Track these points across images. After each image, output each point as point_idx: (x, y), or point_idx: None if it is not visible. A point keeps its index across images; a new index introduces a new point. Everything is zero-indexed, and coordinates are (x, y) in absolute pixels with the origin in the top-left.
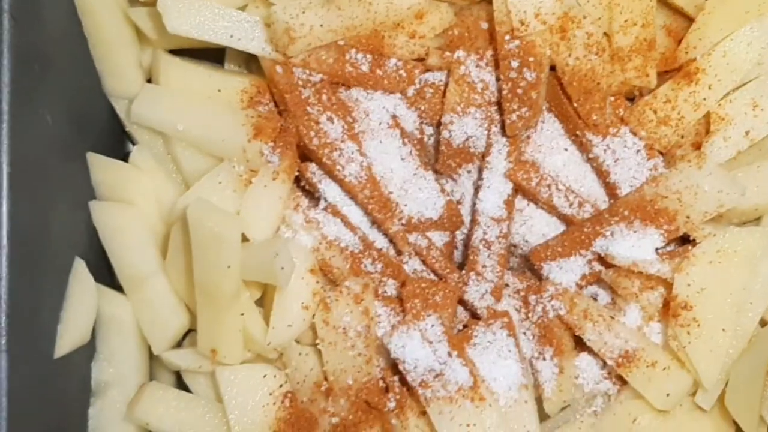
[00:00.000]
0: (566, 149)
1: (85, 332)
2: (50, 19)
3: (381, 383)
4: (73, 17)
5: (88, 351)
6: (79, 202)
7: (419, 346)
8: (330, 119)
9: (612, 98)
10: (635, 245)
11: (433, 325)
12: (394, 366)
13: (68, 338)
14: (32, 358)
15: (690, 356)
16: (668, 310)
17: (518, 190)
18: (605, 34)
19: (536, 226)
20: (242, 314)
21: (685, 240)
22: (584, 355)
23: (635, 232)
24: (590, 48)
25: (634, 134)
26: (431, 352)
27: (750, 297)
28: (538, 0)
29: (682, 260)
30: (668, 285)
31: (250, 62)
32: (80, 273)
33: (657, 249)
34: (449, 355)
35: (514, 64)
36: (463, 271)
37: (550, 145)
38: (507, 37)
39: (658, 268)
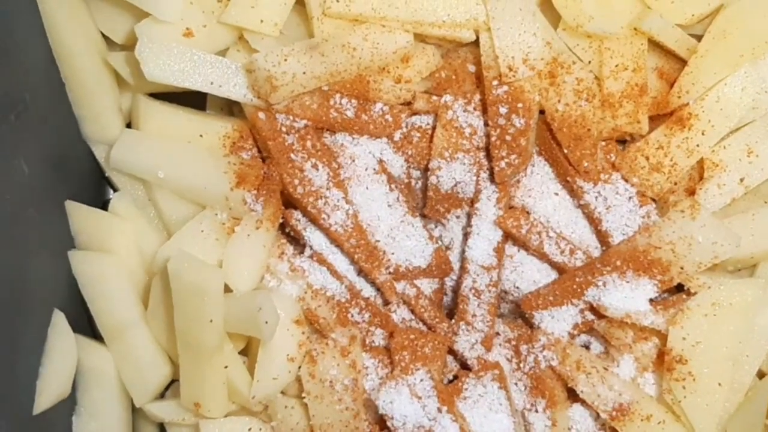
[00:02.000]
0: (557, 194)
1: (66, 386)
2: (26, 65)
3: None
4: (50, 62)
5: (69, 404)
6: (58, 251)
7: (408, 402)
8: (314, 166)
9: (603, 143)
10: (628, 296)
11: (422, 380)
12: (381, 420)
13: (48, 394)
14: (11, 415)
15: (686, 411)
16: (663, 360)
17: (508, 237)
18: (596, 77)
19: (527, 273)
20: (226, 367)
21: (679, 287)
22: (577, 407)
23: (628, 282)
24: (580, 94)
25: (626, 181)
26: (420, 407)
27: (746, 350)
28: (526, 45)
29: (677, 313)
30: (662, 336)
31: (232, 105)
32: (59, 326)
33: (650, 299)
34: (439, 410)
35: (503, 110)
36: (453, 321)
37: (540, 189)
38: (495, 83)
39: (652, 320)
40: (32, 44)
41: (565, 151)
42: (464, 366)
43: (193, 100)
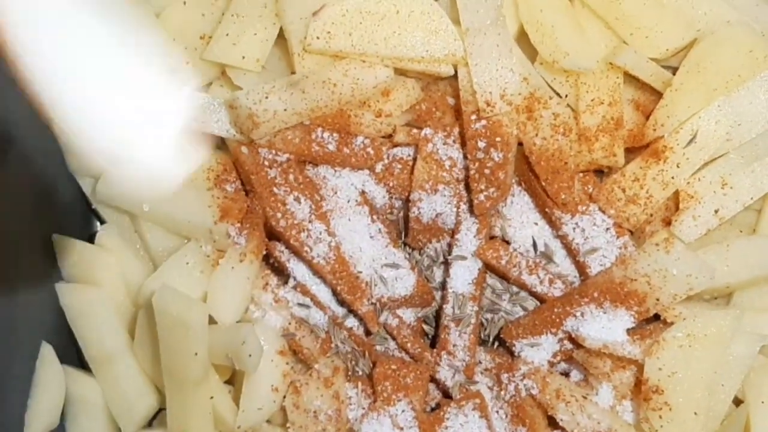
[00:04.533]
0: (536, 223)
1: (54, 417)
2: (10, 98)
3: None
4: None
5: None
6: (45, 284)
7: None
8: (297, 199)
9: (581, 175)
10: (605, 326)
11: (404, 411)
12: None
13: (37, 425)
14: None
15: None
16: (640, 389)
17: (488, 268)
18: (573, 111)
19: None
20: (211, 397)
21: (656, 316)
22: None
23: (605, 313)
24: (557, 128)
25: (603, 212)
26: None
27: (721, 379)
28: (503, 80)
29: (653, 344)
30: (640, 365)
31: (215, 137)
32: (47, 358)
33: (627, 329)
34: None
35: (481, 144)
36: (434, 350)
37: (520, 219)
38: (473, 117)
39: (629, 350)
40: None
41: (543, 183)
42: (446, 395)
43: None
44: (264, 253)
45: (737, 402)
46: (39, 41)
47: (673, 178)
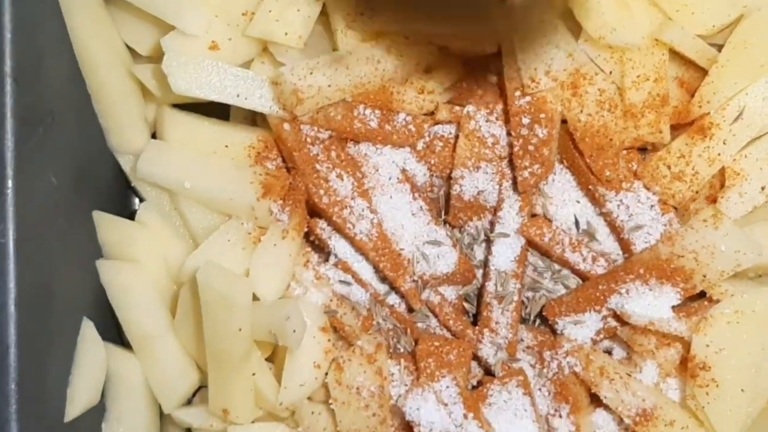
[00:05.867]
0: (578, 201)
1: (95, 394)
2: (53, 78)
3: None
4: (76, 74)
5: (98, 411)
6: (85, 261)
7: (434, 408)
8: (339, 176)
9: (624, 152)
10: (651, 303)
11: (447, 387)
12: (407, 425)
13: (78, 401)
14: (42, 423)
15: (709, 416)
16: (685, 366)
17: (531, 245)
18: (618, 88)
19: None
20: (253, 374)
21: (701, 293)
22: (600, 411)
23: (651, 290)
24: (602, 104)
25: (648, 189)
26: (446, 414)
27: None
28: (548, 57)
29: (700, 320)
30: (685, 342)
31: (255, 115)
32: (88, 335)
33: (673, 306)
34: (465, 416)
35: (525, 120)
36: (476, 327)
37: (561, 197)
38: (517, 93)
39: (675, 327)
40: (58, 58)
41: (588, 160)
42: (487, 372)
43: (216, 110)
44: (305, 230)
45: None
46: None
47: (719, 154)
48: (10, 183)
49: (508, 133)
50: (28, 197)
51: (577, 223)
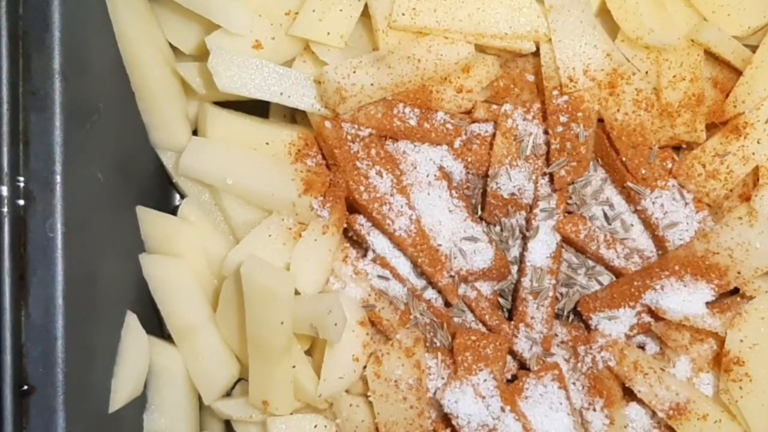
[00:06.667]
0: (612, 199)
1: (138, 385)
2: (98, 75)
3: None
4: (120, 71)
5: (139, 402)
6: (128, 255)
7: (472, 401)
8: (379, 173)
9: (659, 150)
10: (686, 299)
11: (485, 380)
12: (445, 418)
13: (122, 392)
14: (87, 414)
15: (742, 411)
16: (718, 361)
17: (566, 242)
18: (654, 88)
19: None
20: (294, 366)
21: (733, 290)
22: (633, 405)
23: (686, 286)
24: (639, 104)
25: (683, 187)
26: (484, 406)
27: None
28: (586, 56)
29: (734, 316)
30: (719, 337)
31: (294, 113)
32: (132, 327)
33: (707, 302)
34: (502, 409)
35: (563, 119)
36: (512, 322)
37: (597, 195)
38: (555, 92)
39: (709, 323)
40: (104, 55)
41: (623, 158)
42: (522, 366)
43: (255, 107)
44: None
45: None
46: None
47: (753, 153)
48: (58, 178)
49: (545, 132)
50: (75, 192)
51: (607, 218)
